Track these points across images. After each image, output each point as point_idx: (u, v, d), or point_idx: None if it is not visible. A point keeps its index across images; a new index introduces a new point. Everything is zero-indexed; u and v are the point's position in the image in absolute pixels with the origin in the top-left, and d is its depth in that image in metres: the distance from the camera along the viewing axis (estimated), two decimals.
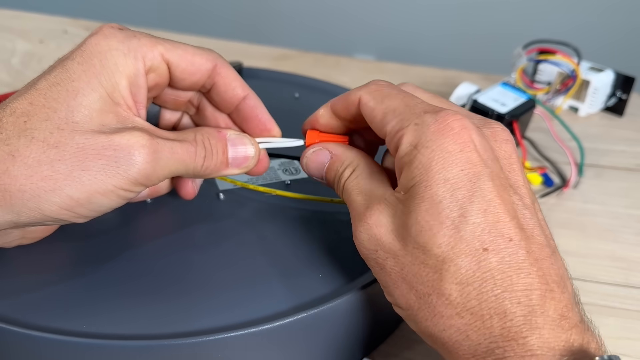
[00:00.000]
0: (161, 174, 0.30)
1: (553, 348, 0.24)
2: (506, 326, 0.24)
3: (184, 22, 1.81)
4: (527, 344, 0.24)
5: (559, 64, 0.59)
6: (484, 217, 0.26)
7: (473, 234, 0.25)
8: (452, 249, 0.26)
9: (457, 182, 0.26)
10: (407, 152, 0.28)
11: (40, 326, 0.29)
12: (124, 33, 0.31)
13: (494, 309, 0.25)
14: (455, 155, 0.27)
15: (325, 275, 0.33)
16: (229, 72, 0.34)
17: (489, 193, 0.26)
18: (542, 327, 0.24)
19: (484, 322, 0.25)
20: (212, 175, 0.33)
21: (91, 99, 0.29)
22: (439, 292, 0.26)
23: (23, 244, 0.33)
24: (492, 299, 0.25)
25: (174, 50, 0.32)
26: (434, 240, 0.26)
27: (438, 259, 0.26)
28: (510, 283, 0.25)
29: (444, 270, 0.26)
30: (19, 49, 0.71)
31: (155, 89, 0.33)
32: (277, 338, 0.30)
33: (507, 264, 0.25)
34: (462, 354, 0.26)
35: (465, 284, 0.25)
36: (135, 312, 0.30)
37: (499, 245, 0.25)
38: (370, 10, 1.69)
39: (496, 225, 0.26)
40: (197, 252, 0.35)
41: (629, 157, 0.55)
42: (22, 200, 0.28)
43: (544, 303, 0.25)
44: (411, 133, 0.28)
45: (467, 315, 0.25)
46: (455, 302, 0.25)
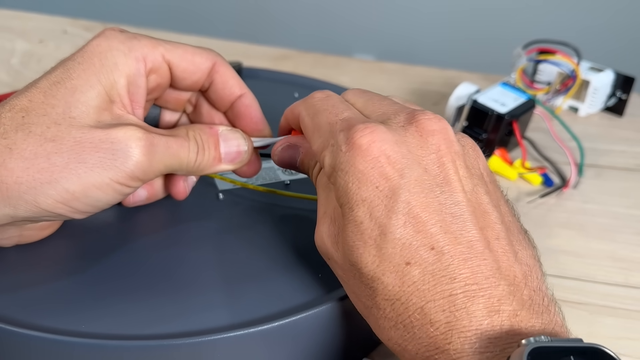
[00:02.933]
0: (157, 168, 0.30)
1: (478, 346, 0.24)
2: (432, 335, 0.25)
3: (184, 22, 1.81)
4: (450, 350, 0.24)
5: (558, 64, 0.59)
6: (404, 230, 0.25)
7: (394, 250, 0.25)
8: (377, 267, 0.26)
9: (374, 201, 0.26)
10: (329, 174, 0.28)
11: (39, 326, 0.29)
12: (125, 35, 0.32)
13: (419, 320, 0.25)
14: (368, 173, 0.26)
15: (324, 275, 0.33)
16: (227, 70, 0.34)
17: (407, 205, 0.26)
18: (468, 329, 0.24)
19: (414, 333, 0.25)
20: (206, 171, 0.33)
21: (89, 95, 0.30)
22: (377, 307, 0.26)
23: (21, 243, 0.33)
24: (417, 312, 0.25)
25: (175, 51, 0.33)
26: (361, 260, 0.26)
27: (368, 277, 0.26)
28: (433, 293, 0.25)
29: (374, 288, 0.26)
30: (19, 49, 0.71)
31: (157, 90, 0.34)
32: (277, 338, 0.30)
33: (429, 273, 0.25)
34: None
35: (394, 300, 0.26)
36: (134, 312, 0.30)
37: (421, 257, 0.25)
38: (370, 11, 1.69)
39: (417, 237, 0.25)
40: (197, 252, 0.35)
41: (628, 157, 0.55)
42: (19, 193, 0.28)
43: (471, 304, 0.24)
44: (329, 155, 0.28)
45: (400, 328, 0.26)
46: (389, 316, 0.26)
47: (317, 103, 0.31)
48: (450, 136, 0.28)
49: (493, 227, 0.26)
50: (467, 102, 0.53)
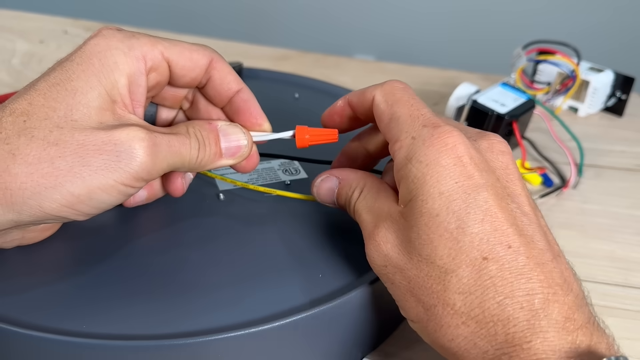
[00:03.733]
0: (160, 167, 0.30)
1: (558, 350, 0.24)
2: (510, 332, 0.25)
3: (184, 22, 1.81)
4: (531, 348, 0.24)
5: (558, 65, 0.59)
6: (482, 226, 0.26)
7: (472, 244, 0.26)
8: (452, 260, 0.26)
9: (452, 195, 0.27)
10: (402, 165, 0.28)
11: (40, 326, 0.29)
12: (123, 33, 0.31)
13: (497, 315, 0.25)
14: (449, 168, 0.27)
15: (325, 276, 0.33)
16: (224, 66, 0.35)
17: (485, 203, 0.26)
18: (546, 330, 0.24)
19: (488, 329, 0.25)
20: (208, 167, 0.33)
21: (90, 97, 0.29)
22: (444, 303, 0.26)
23: (23, 244, 0.33)
24: (494, 306, 0.25)
25: (173, 48, 0.33)
26: (435, 253, 0.26)
27: (441, 271, 0.26)
28: (511, 289, 0.25)
29: (446, 281, 0.26)
30: (19, 49, 0.71)
31: (156, 88, 0.34)
32: (276, 338, 0.30)
33: (507, 270, 0.25)
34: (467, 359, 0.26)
35: (468, 293, 0.26)
36: (135, 312, 0.30)
37: (498, 253, 0.26)
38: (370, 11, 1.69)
39: (494, 234, 0.26)
40: (197, 252, 0.35)
41: (628, 157, 0.56)
42: (23, 198, 0.28)
43: (547, 306, 0.25)
44: (407, 146, 0.28)
45: (472, 324, 0.26)
46: (459, 311, 0.26)
47: (398, 92, 0.31)
48: (514, 160, 0.30)
49: (553, 246, 0.28)
50: (467, 103, 0.53)
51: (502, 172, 0.29)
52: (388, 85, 0.32)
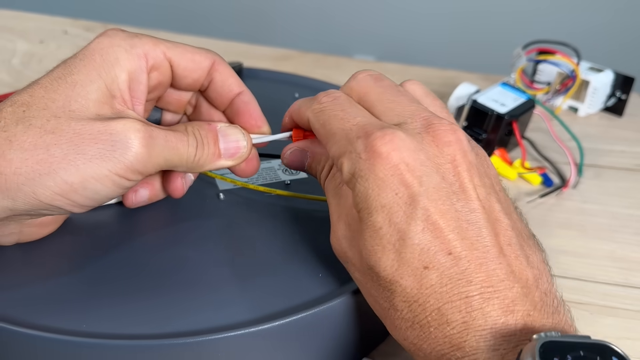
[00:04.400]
0: (156, 161, 0.30)
1: (493, 344, 0.25)
2: (448, 334, 0.26)
3: (184, 23, 1.81)
4: (466, 347, 0.25)
5: (558, 64, 0.59)
6: (422, 236, 0.26)
7: (413, 254, 0.26)
8: (396, 270, 0.27)
9: (393, 207, 0.27)
10: (348, 180, 0.29)
11: (40, 325, 0.29)
12: (127, 33, 0.32)
13: (437, 320, 0.26)
14: (387, 180, 0.27)
15: (325, 275, 0.33)
16: (226, 69, 0.35)
17: (425, 212, 0.26)
18: (483, 327, 0.25)
19: (430, 332, 0.26)
20: (206, 166, 0.33)
21: (89, 89, 0.30)
22: (394, 308, 0.27)
23: (21, 241, 0.33)
24: (435, 312, 0.26)
25: (175, 49, 0.33)
26: (379, 264, 0.27)
27: (386, 280, 0.27)
28: (450, 295, 0.26)
29: (392, 290, 0.27)
30: (19, 49, 0.71)
31: (159, 89, 0.34)
32: (276, 338, 0.30)
33: (447, 277, 0.26)
34: (421, 358, 0.27)
35: (412, 301, 0.26)
36: (135, 311, 0.30)
37: (438, 261, 0.26)
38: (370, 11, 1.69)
39: (434, 242, 0.26)
40: (197, 251, 0.35)
41: (628, 157, 0.56)
42: (17, 184, 0.28)
43: (485, 305, 0.25)
44: (347, 162, 0.28)
45: (417, 328, 0.27)
46: (406, 317, 0.27)
47: (326, 108, 0.31)
48: (465, 146, 0.29)
49: (505, 234, 0.27)
50: (467, 102, 0.53)
51: (447, 168, 0.28)
52: (316, 103, 0.32)
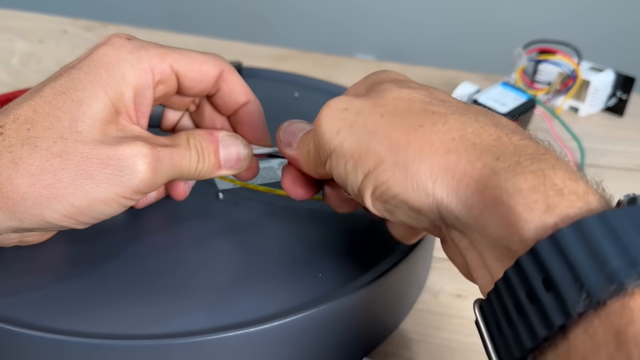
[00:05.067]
0: (160, 181, 0.30)
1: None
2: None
3: (184, 22, 1.81)
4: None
5: (559, 64, 0.59)
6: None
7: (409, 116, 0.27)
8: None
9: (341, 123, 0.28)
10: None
11: (39, 326, 0.29)
12: (133, 44, 0.31)
13: None
14: (332, 120, 0.28)
15: (324, 275, 0.33)
16: (234, 78, 0.34)
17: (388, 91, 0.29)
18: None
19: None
20: (206, 177, 0.33)
21: (95, 109, 0.29)
22: (430, 122, 0.26)
23: (21, 245, 0.33)
24: None
25: (182, 60, 0.32)
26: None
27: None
28: None
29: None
30: (19, 49, 0.71)
31: (163, 98, 0.34)
32: (277, 338, 0.30)
33: None
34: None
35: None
36: (134, 311, 0.30)
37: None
38: (371, 11, 1.69)
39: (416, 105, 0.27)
40: (197, 251, 0.35)
41: (629, 157, 0.55)
42: (25, 207, 0.28)
43: None
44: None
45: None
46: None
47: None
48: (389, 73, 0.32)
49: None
50: (467, 102, 0.53)
51: (378, 87, 0.29)
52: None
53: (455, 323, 0.37)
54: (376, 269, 0.33)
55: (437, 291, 0.40)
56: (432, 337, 0.36)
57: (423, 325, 0.37)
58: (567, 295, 0.19)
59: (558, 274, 0.19)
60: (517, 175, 0.22)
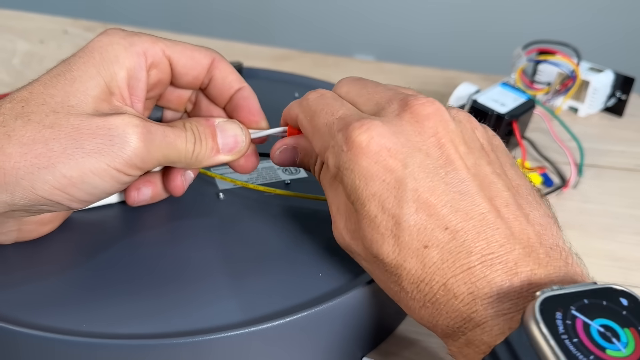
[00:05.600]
0: (154, 157, 0.31)
1: (502, 309, 0.25)
2: (457, 308, 0.26)
3: (184, 22, 1.81)
4: (476, 318, 0.25)
5: (558, 65, 0.59)
6: (417, 216, 0.26)
7: (411, 236, 0.26)
8: (398, 255, 0.27)
9: (383, 194, 0.27)
10: (334, 174, 0.29)
11: (39, 325, 0.29)
12: (126, 32, 0.32)
13: (445, 296, 0.26)
14: (372, 169, 0.27)
15: (324, 275, 0.33)
16: (226, 66, 0.35)
17: (414, 193, 0.26)
18: (489, 295, 0.25)
19: (441, 309, 0.26)
20: (205, 162, 0.33)
21: (88, 85, 0.30)
22: (404, 290, 0.28)
23: (20, 239, 0.33)
24: (442, 289, 0.26)
25: (174, 47, 0.34)
26: (381, 252, 0.27)
27: (391, 266, 0.27)
28: (453, 269, 0.26)
29: (398, 274, 0.27)
30: (20, 49, 0.71)
31: (159, 87, 0.34)
32: (277, 337, 0.30)
33: (447, 252, 0.26)
34: (440, 334, 0.27)
35: (418, 282, 0.27)
36: (135, 311, 0.30)
37: (437, 238, 0.26)
38: (370, 11, 1.69)
39: (430, 220, 0.26)
40: (197, 251, 0.35)
41: (628, 158, 0.56)
42: (16, 178, 0.28)
43: (489, 272, 0.25)
44: (331, 156, 0.29)
45: (429, 306, 0.27)
46: (416, 297, 0.27)
47: (312, 104, 0.32)
48: (445, 116, 0.28)
49: (501, 196, 0.27)
50: (467, 102, 0.53)
51: (431, 142, 0.28)
52: (304, 100, 0.32)
53: None
54: None
55: None
56: (432, 336, 0.36)
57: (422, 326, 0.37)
58: None
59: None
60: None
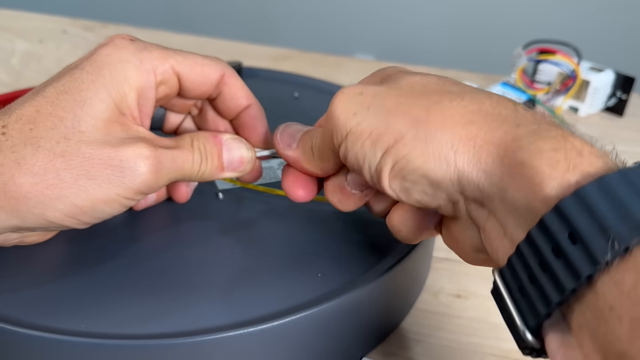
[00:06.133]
0: (162, 182, 0.31)
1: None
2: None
3: (184, 22, 1.81)
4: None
5: (559, 64, 0.59)
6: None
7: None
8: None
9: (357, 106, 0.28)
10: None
11: (38, 325, 0.29)
12: (135, 45, 0.31)
13: None
14: (346, 106, 0.28)
15: (324, 275, 0.33)
16: (236, 82, 0.34)
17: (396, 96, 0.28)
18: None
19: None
20: (209, 179, 0.33)
21: (98, 109, 0.29)
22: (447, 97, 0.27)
23: (21, 244, 0.33)
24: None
25: (185, 63, 0.32)
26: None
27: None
28: None
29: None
30: (19, 49, 0.71)
31: (165, 99, 0.34)
32: (276, 337, 0.30)
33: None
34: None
35: None
36: (135, 311, 0.30)
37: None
38: (371, 10, 1.70)
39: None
40: (197, 251, 0.35)
41: (628, 157, 0.55)
42: (27, 207, 0.28)
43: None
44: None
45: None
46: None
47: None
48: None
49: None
50: None
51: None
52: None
53: (455, 323, 0.37)
54: (376, 269, 0.33)
55: (437, 291, 0.40)
56: (432, 337, 0.36)
57: (423, 325, 0.37)
58: (595, 246, 0.19)
59: (584, 226, 0.20)
60: (538, 140, 0.23)
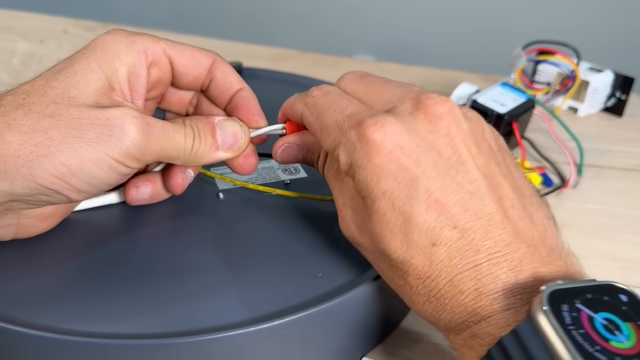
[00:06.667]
0: (153, 149, 0.31)
1: (506, 305, 0.26)
2: (463, 303, 0.27)
3: (184, 22, 1.81)
4: (480, 312, 0.26)
5: (558, 65, 0.59)
6: (426, 215, 0.27)
7: (420, 234, 0.27)
8: (405, 251, 0.27)
9: (394, 192, 0.27)
10: (346, 170, 0.29)
11: (39, 325, 0.29)
12: (128, 31, 0.33)
13: (450, 292, 0.27)
14: (384, 167, 0.27)
15: (324, 275, 0.33)
16: (226, 67, 0.36)
17: (426, 191, 0.27)
18: (495, 290, 0.26)
19: (446, 304, 0.27)
20: (204, 159, 0.33)
21: (89, 78, 0.31)
22: (408, 285, 0.28)
23: (19, 236, 0.33)
24: (447, 285, 0.27)
25: (175, 47, 0.34)
26: (389, 247, 0.28)
27: (398, 262, 0.28)
28: (460, 266, 0.26)
29: (405, 270, 0.28)
30: (20, 49, 0.71)
31: (159, 85, 0.34)
32: (276, 337, 0.30)
33: (455, 250, 0.27)
34: (442, 328, 0.28)
35: (424, 278, 0.27)
36: (135, 311, 0.31)
37: (445, 237, 0.27)
38: (370, 11, 1.69)
39: (439, 219, 0.27)
40: (197, 251, 0.35)
41: (628, 158, 0.56)
42: (16, 166, 0.28)
43: (495, 269, 0.26)
44: (343, 153, 0.29)
45: (433, 301, 0.27)
46: (421, 292, 0.28)
47: (319, 101, 0.32)
48: (458, 116, 0.29)
49: (507, 196, 0.28)
50: (466, 102, 0.53)
51: (444, 142, 0.28)
52: (309, 97, 0.32)
53: None
54: None
55: None
56: (432, 336, 0.36)
57: (423, 325, 0.37)
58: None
59: None
60: None
